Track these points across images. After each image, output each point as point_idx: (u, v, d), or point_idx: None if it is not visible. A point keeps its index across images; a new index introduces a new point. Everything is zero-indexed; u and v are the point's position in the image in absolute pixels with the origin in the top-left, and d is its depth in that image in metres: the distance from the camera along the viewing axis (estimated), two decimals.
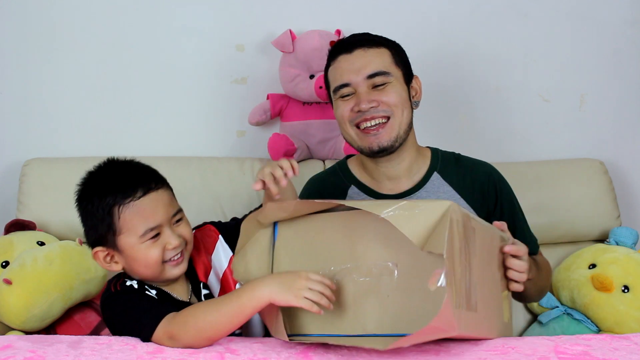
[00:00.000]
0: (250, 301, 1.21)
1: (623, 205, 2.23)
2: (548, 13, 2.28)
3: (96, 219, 1.33)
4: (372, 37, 1.60)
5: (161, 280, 1.36)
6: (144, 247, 1.31)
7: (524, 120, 2.31)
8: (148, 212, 1.31)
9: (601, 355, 1.13)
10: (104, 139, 2.24)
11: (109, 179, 1.35)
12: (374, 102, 1.53)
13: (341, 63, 1.57)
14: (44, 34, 2.21)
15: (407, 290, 1.20)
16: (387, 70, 1.55)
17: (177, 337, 1.21)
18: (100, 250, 1.35)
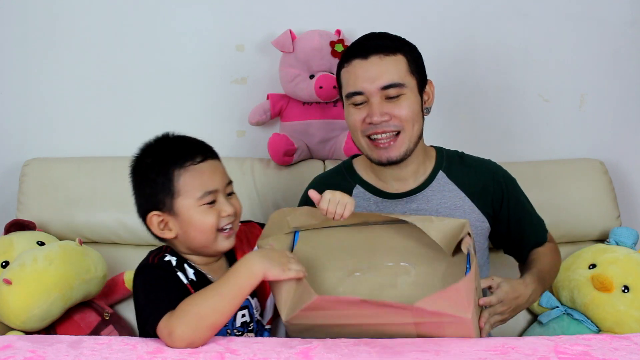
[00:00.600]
0: (249, 279, 1.25)
1: (623, 205, 2.23)
2: (548, 13, 2.28)
3: (154, 183, 1.36)
4: (389, 42, 1.55)
5: (211, 251, 1.39)
6: (201, 211, 1.35)
7: (524, 120, 2.31)
8: (206, 176, 1.36)
9: (601, 355, 1.13)
10: (104, 139, 2.24)
11: (169, 145, 1.40)
12: (386, 115, 1.52)
13: (356, 68, 1.53)
14: (44, 34, 2.21)
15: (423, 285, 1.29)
16: (401, 81, 1.52)
17: (175, 333, 1.21)
18: (156, 214, 1.37)
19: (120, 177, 2.09)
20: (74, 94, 2.23)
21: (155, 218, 1.37)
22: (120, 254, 2.09)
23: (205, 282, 1.38)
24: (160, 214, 1.37)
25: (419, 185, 1.62)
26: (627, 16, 2.29)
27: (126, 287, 1.98)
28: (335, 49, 2.13)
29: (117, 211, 2.07)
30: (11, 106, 2.23)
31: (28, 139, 2.23)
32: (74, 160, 2.16)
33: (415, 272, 1.33)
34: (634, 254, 1.99)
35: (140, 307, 1.32)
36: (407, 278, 1.33)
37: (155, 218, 1.37)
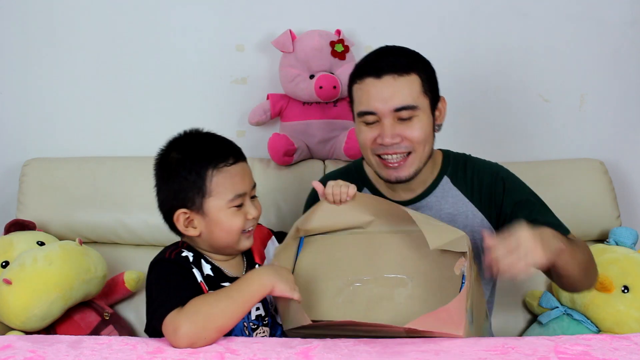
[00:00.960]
0: (259, 288, 1.29)
1: (623, 205, 2.23)
2: (548, 13, 2.28)
3: (185, 180, 1.35)
4: (403, 61, 1.52)
5: (232, 250, 1.41)
6: (230, 213, 1.36)
7: (524, 120, 2.31)
8: (237, 179, 1.37)
9: (601, 355, 1.13)
10: (104, 139, 2.24)
11: (202, 143, 1.40)
12: (398, 137, 1.50)
13: (368, 87, 1.50)
14: (44, 34, 2.21)
15: (419, 298, 1.32)
16: (414, 103, 1.49)
17: (180, 331, 1.21)
18: (183, 212, 1.37)
19: (120, 177, 2.11)
20: (74, 94, 2.23)
21: (182, 215, 1.37)
22: (120, 254, 2.09)
23: (222, 276, 1.39)
24: (187, 212, 1.37)
25: (424, 192, 1.62)
26: (627, 16, 2.29)
27: (126, 287, 1.98)
28: (335, 49, 2.13)
29: (117, 211, 2.07)
30: (11, 106, 2.23)
31: (28, 139, 2.23)
32: (74, 160, 2.16)
33: (412, 284, 1.35)
34: (634, 254, 1.99)
35: (150, 301, 1.32)
36: (404, 290, 1.35)
37: (182, 215, 1.37)
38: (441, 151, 1.68)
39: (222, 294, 1.28)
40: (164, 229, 2.07)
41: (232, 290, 1.29)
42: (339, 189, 1.46)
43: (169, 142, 1.43)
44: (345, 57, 2.15)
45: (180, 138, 1.43)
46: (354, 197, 1.46)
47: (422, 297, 1.32)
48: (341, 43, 2.14)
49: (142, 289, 2.05)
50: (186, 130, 1.44)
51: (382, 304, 1.33)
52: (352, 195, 1.45)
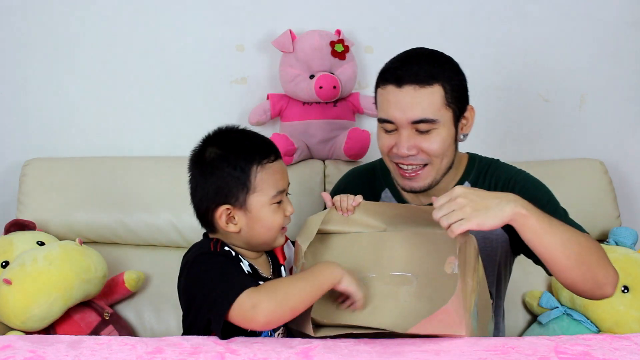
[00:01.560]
0: (330, 277, 1.30)
1: (623, 205, 2.23)
2: (548, 13, 2.28)
3: (230, 176, 1.35)
4: (427, 69, 1.47)
5: (268, 247, 1.43)
6: (271, 210, 1.37)
7: (524, 120, 2.31)
8: (278, 176, 1.38)
9: (601, 355, 1.13)
10: (104, 139, 2.24)
11: (244, 140, 1.39)
12: (414, 149, 1.47)
13: (389, 95, 1.47)
14: (44, 34, 2.21)
15: (423, 297, 1.32)
16: (434, 117, 1.45)
17: (260, 305, 1.22)
18: (226, 208, 1.36)
19: (120, 177, 2.11)
20: (74, 94, 2.23)
21: (225, 212, 1.36)
22: (120, 254, 2.09)
23: (258, 276, 1.40)
24: (230, 208, 1.36)
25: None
26: (627, 16, 2.29)
27: (126, 287, 1.98)
28: (335, 49, 2.13)
29: (117, 211, 2.07)
30: (11, 106, 2.23)
31: (28, 139, 2.23)
32: (74, 160, 2.16)
33: (417, 282, 1.35)
34: (634, 254, 1.99)
35: (205, 290, 1.29)
36: (408, 288, 1.35)
37: (225, 212, 1.36)
38: (468, 155, 1.65)
39: (296, 277, 1.32)
40: (164, 229, 2.10)
41: (305, 274, 1.31)
42: (345, 198, 1.47)
43: (205, 138, 1.42)
44: (345, 57, 2.15)
45: (218, 134, 1.41)
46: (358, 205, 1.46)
47: (427, 296, 1.32)
48: (341, 43, 2.14)
49: (142, 289, 2.05)
50: (221, 127, 1.43)
51: (387, 302, 1.34)
52: (357, 203, 1.45)
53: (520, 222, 1.29)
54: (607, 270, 1.39)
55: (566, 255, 1.32)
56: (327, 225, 1.47)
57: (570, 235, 1.33)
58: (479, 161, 1.63)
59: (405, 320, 1.28)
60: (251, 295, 1.23)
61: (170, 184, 2.09)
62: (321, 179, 2.15)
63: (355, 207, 1.46)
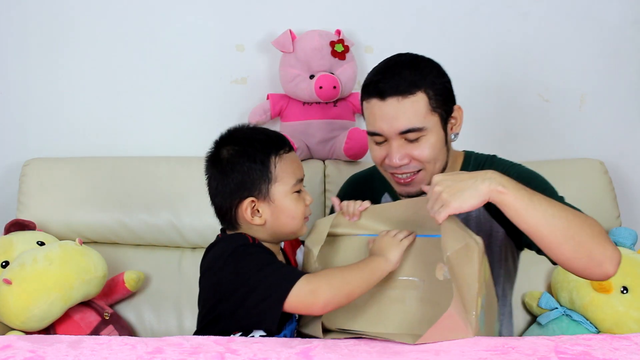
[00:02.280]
0: (382, 267, 1.35)
1: (623, 205, 2.23)
2: (548, 13, 2.28)
3: (251, 170, 1.37)
4: (408, 78, 1.46)
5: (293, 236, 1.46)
6: (293, 199, 1.39)
7: (524, 120, 2.31)
8: (296, 165, 1.42)
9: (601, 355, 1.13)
10: (104, 139, 2.24)
11: (257, 135, 1.42)
12: (406, 158, 1.48)
13: (374, 108, 1.48)
14: (44, 34, 2.21)
15: (428, 302, 1.33)
16: (420, 125, 1.45)
17: (319, 290, 1.27)
18: (251, 201, 1.37)
19: (120, 177, 2.11)
20: (74, 94, 2.23)
21: (249, 205, 1.38)
22: (120, 254, 2.09)
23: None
24: (254, 200, 1.38)
25: None
26: (627, 16, 2.29)
27: (126, 287, 1.98)
28: (335, 49, 2.13)
29: (117, 211, 2.07)
30: (11, 106, 2.23)
31: (28, 139, 2.23)
32: (74, 160, 2.16)
33: (424, 287, 1.36)
34: (633, 254, 1.99)
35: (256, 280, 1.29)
36: (415, 293, 1.36)
37: (250, 205, 1.38)
38: (464, 153, 1.65)
39: (350, 266, 1.34)
40: (164, 229, 2.10)
41: (359, 264, 1.35)
42: (352, 203, 1.49)
43: (218, 140, 1.43)
44: (345, 57, 2.15)
45: (229, 134, 1.43)
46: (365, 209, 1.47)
47: (433, 301, 1.32)
48: (341, 43, 2.14)
49: (142, 289, 2.05)
50: (231, 128, 1.45)
51: (393, 307, 1.35)
52: (364, 208, 1.47)
53: (498, 199, 1.27)
54: (605, 247, 1.34)
55: (550, 230, 1.28)
56: (335, 229, 1.48)
57: (556, 210, 1.30)
58: (474, 158, 1.62)
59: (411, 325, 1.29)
60: (310, 281, 1.27)
61: (170, 184, 2.09)
62: (321, 179, 2.15)
63: (361, 212, 1.48)
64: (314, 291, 1.26)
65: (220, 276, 1.33)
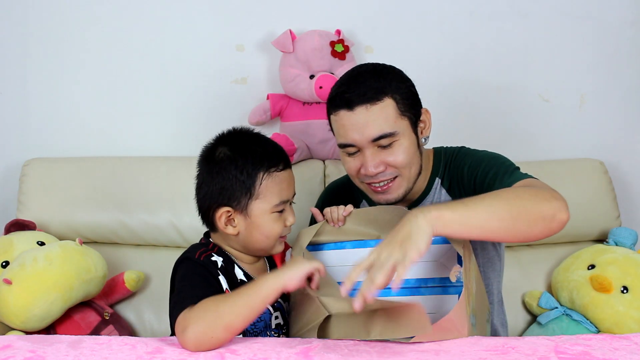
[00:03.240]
0: (271, 286, 1.24)
1: (623, 205, 2.23)
2: (548, 13, 2.28)
3: (236, 179, 1.35)
4: (374, 86, 1.46)
5: (265, 253, 1.44)
6: (272, 218, 1.37)
7: (524, 120, 2.31)
8: (284, 185, 1.38)
9: (601, 355, 1.13)
10: (104, 139, 2.24)
11: (255, 144, 1.39)
12: (381, 165, 1.48)
13: (343, 120, 1.47)
14: (44, 34, 2.21)
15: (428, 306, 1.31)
16: (391, 130, 1.46)
17: (188, 328, 1.19)
18: (226, 211, 1.37)
19: (120, 177, 2.11)
20: (74, 94, 2.23)
21: (225, 214, 1.37)
22: (120, 254, 2.09)
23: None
24: (230, 211, 1.37)
25: (418, 198, 1.61)
26: (627, 16, 2.29)
27: (126, 287, 1.98)
28: (335, 49, 2.13)
29: (117, 211, 2.07)
30: (11, 106, 2.23)
31: (28, 139, 2.23)
32: (74, 160, 2.16)
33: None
34: (633, 254, 1.99)
35: (171, 298, 1.33)
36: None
37: (226, 214, 1.37)
38: (434, 150, 1.65)
39: (233, 293, 1.26)
40: (164, 229, 2.09)
41: (243, 289, 1.26)
42: (336, 209, 1.47)
43: (218, 137, 1.42)
44: (345, 57, 2.15)
45: (231, 135, 1.42)
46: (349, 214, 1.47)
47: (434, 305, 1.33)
48: (341, 43, 2.14)
49: (142, 289, 2.05)
50: (235, 128, 1.44)
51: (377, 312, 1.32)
52: (347, 212, 1.46)
53: (441, 223, 1.21)
54: (550, 201, 1.33)
55: (498, 219, 1.26)
56: (320, 237, 1.47)
57: (491, 200, 1.28)
58: (444, 154, 1.62)
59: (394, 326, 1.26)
60: (184, 318, 1.22)
61: (170, 184, 2.09)
62: (321, 179, 2.15)
63: (346, 217, 1.47)
64: (184, 330, 1.19)
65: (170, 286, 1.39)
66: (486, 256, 1.62)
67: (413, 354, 1.16)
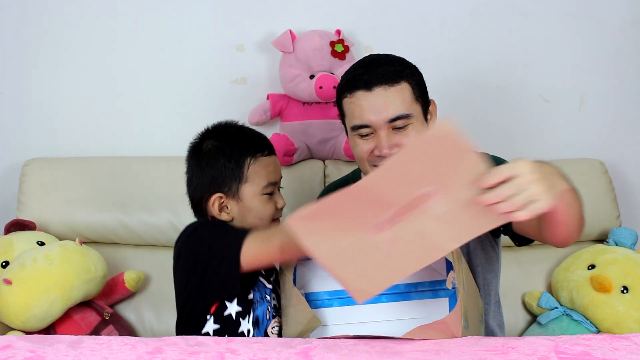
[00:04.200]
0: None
1: (623, 206, 2.23)
2: (548, 13, 2.28)
3: (224, 167, 1.44)
4: (391, 69, 1.50)
5: None
6: (262, 200, 1.46)
7: (524, 120, 2.31)
8: (271, 169, 1.48)
9: (601, 355, 1.13)
10: (104, 139, 2.24)
11: (240, 134, 1.50)
12: (395, 147, 1.49)
13: (360, 101, 1.49)
14: (44, 34, 2.21)
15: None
16: (408, 112, 1.49)
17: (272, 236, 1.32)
18: (220, 196, 1.44)
19: (120, 177, 2.11)
20: (74, 94, 2.23)
21: (217, 200, 1.44)
22: (120, 254, 2.09)
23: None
24: (223, 197, 1.44)
25: None
26: (627, 16, 2.29)
27: (126, 287, 1.98)
28: (335, 49, 2.13)
29: (117, 211, 2.07)
30: (11, 106, 2.23)
31: (28, 139, 2.23)
32: (74, 160, 2.16)
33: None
34: (633, 254, 1.99)
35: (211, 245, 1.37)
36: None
37: (218, 200, 1.44)
38: None
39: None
40: (164, 229, 2.09)
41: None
42: None
43: (204, 132, 1.51)
44: (345, 57, 2.15)
45: (216, 129, 1.51)
46: None
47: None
48: (341, 43, 2.14)
49: (142, 289, 2.05)
50: (220, 122, 1.52)
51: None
52: None
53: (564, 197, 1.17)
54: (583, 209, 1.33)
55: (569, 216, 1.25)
56: None
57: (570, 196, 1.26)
58: None
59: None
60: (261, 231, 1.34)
61: (170, 184, 2.09)
62: (321, 179, 2.15)
63: None
64: (268, 238, 1.30)
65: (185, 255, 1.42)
66: (485, 257, 1.63)
67: (413, 354, 1.16)
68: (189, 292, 1.40)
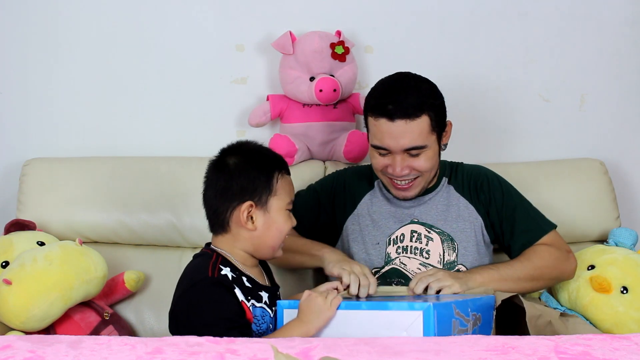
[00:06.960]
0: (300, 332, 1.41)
1: (623, 206, 2.23)
2: (548, 13, 2.28)
3: (256, 179, 1.49)
4: (415, 102, 1.67)
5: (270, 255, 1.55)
6: (285, 215, 1.53)
7: (524, 120, 2.31)
8: (291, 187, 1.57)
9: (601, 355, 1.13)
10: (104, 139, 2.24)
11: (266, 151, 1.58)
12: (407, 169, 1.70)
13: (382, 127, 1.68)
14: (44, 34, 2.21)
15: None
16: (423, 143, 1.68)
17: None
18: (249, 204, 1.48)
19: (120, 177, 2.11)
20: (74, 94, 2.23)
21: (247, 209, 1.48)
22: (120, 254, 2.09)
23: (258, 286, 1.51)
24: (253, 205, 1.48)
25: (426, 191, 1.82)
26: (627, 16, 2.29)
27: (126, 287, 1.98)
28: (335, 51, 2.13)
29: (117, 211, 2.07)
30: (11, 106, 2.23)
31: (28, 139, 2.23)
32: (74, 160, 2.16)
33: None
34: (633, 254, 1.99)
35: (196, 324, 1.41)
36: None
37: (247, 209, 1.48)
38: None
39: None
40: (164, 229, 2.09)
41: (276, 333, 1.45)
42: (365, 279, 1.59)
43: (224, 150, 1.55)
44: (345, 59, 2.15)
45: (237, 147, 1.55)
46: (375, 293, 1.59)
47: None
48: (341, 45, 2.14)
49: (142, 289, 2.05)
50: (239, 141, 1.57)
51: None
52: (373, 292, 1.58)
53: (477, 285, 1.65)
54: (565, 266, 1.81)
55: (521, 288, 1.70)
56: None
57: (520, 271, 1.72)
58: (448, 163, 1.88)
59: None
60: None
61: (170, 184, 2.09)
62: None
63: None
64: None
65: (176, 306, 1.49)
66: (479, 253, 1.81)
67: (413, 354, 1.16)
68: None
